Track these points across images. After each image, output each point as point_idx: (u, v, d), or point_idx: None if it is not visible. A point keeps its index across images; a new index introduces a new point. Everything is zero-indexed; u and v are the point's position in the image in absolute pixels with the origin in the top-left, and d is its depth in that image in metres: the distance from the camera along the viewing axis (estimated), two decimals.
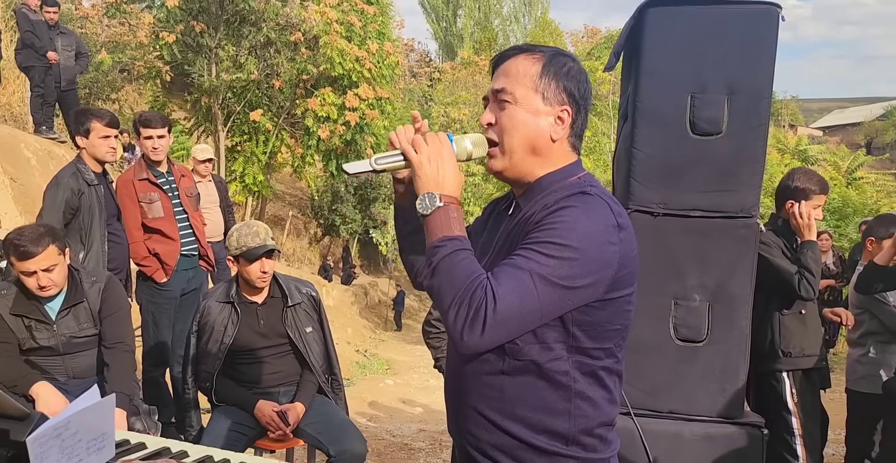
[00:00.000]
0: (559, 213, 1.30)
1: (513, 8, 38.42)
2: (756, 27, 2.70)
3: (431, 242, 1.31)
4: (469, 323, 1.22)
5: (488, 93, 1.46)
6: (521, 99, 1.40)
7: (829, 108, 54.96)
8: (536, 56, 1.43)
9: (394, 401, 7.38)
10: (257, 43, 12.58)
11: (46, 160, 7.52)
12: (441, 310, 1.27)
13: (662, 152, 2.75)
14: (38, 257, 2.74)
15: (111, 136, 3.77)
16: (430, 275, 1.29)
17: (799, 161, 20.35)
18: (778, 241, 3.09)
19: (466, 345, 1.24)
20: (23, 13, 7.91)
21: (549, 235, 1.28)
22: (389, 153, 1.40)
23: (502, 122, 1.41)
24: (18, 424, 0.98)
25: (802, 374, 3.12)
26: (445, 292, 1.26)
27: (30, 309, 2.89)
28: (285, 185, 20.07)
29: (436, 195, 1.33)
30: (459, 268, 1.27)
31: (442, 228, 1.31)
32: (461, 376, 1.44)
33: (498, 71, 1.45)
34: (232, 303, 3.15)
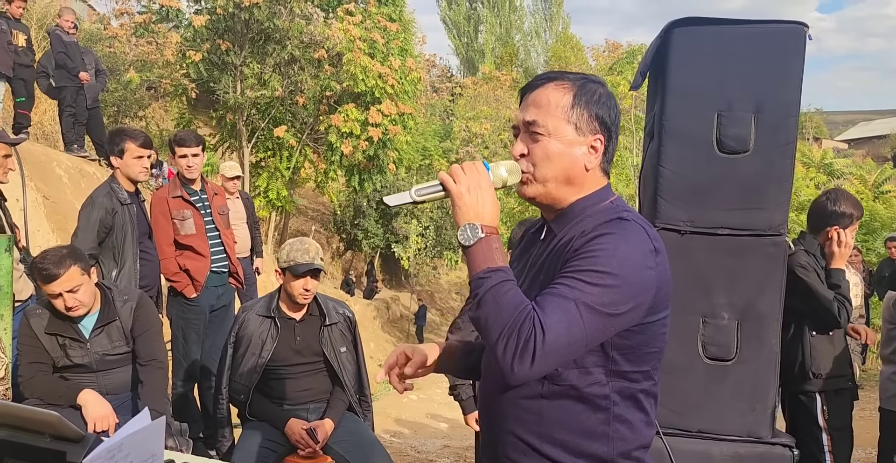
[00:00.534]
0: (598, 240, 1.31)
1: (534, 23, 38.62)
2: (783, 46, 2.71)
3: (475, 273, 1.31)
4: (519, 355, 1.22)
5: (517, 122, 1.46)
6: (554, 130, 1.41)
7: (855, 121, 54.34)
8: (566, 85, 1.43)
9: (418, 416, 7.38)
10: (282, 60, 12.74)
11: (78, 178, 7.67)
12: (489, 342, 1.27)
13: (689, 170, 2.76)
14: (60, 280, 2.80)
15: (144, 157, 3.85)
16: (476, 306, 1.29)
17: (824, 175, 20.13)
18: (812, 262, 3.06)
19: (516, 376, 1.25)
20: (56, 35, 8.10)
21: (590, 263, 1.29)
22: (429, 184, 1.40)
23: (536, 154, 1.42)
24: (75, 447, 1.01)
25: (835, 393, 3.10)
26: (493, 324, 1.26)
27: (64, 328, 2.95)
28: (308, 200, 20.23)
29: (477, 226, 1.33)
30: (506, 299, 1.27)
31: (485, 260, 1.32)
32: (498, 401, 1.45)
33: (527, 101, 1.45)
34: (273, 318, 3.19)
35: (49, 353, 2.96)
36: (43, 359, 2.96)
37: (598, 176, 1.45)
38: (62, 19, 8.26)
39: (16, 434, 1.08)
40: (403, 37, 14.63)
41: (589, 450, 1.38)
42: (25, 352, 2.95)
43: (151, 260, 3.97)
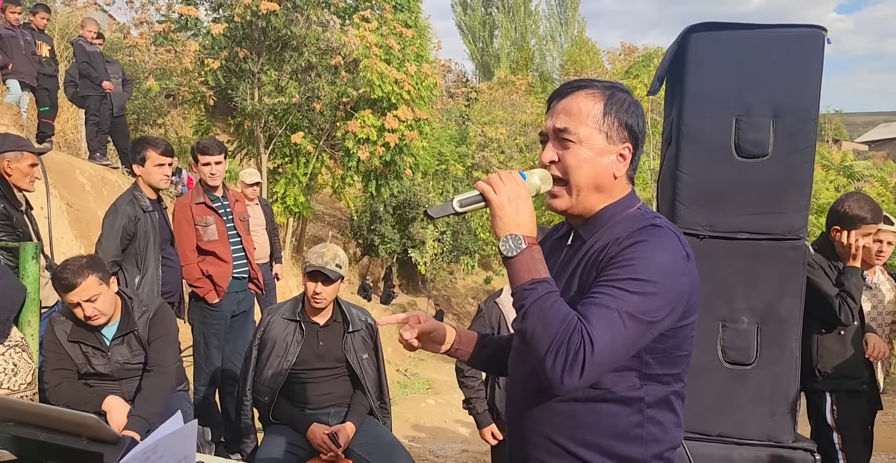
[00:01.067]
0: (634, 248, 1.33)
1: (549, 27, 38.60)
2: (801, 50, 2.71)
3: (520, 285, 1.32)
4: (569, 367, 1.24)
5: (547, 130, 1.46)
6: (585, 139, 1.42)
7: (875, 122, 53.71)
8: (596, 93, 1.44)
9: (436, 421, 7.40)
10: (298, 67, 12.83)
11: (100, 186, 7.77)
12: (536, 354, 1.27)
13: (707, 175, 2.76)
14: (78, 289, 2.84)
15: (165, 164, 3.91)
16: (522, 318, 1.30)
17: (844, 177, 19.93)
18: (823, 261, 3.08)
19: (566, 388, 1.26)
20: (80, 45, 8.24)
21: (629, 271, 1.31)
22: (470, 195, 1.40)
23: (567, 162, 1.43)
24: (111, 448, 1.05)
25: (847, 394, 3.09)
26: (541, 336, 1.27)
27: (86, 336, 2.99)
28: (325, 206, 20.34)
29: (520, 237, 1.34)
30: (553, 311, 1.28)
31: (529, 271, 1.32)
32: (528, 404, 1.45)
33: (557, 108, 1.46)
34: (298, 321, 3.23)
35: (73, 359, 3.00)
36: (67, 365, 3.00)
37: (624, 183, 1.48)
38: (85, 30, 8.39)
39: (54, 436, 1.11)
40: (419, 42, 14.70)
41: (623, 452, 1.39)
42: (50, 359, 3.00)
43: (173, 266, 4.02)
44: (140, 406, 2.93)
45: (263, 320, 3.29)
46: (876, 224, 3.12)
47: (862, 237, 3.07)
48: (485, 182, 1.39)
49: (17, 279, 3.14)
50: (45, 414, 1.10)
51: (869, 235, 3.09)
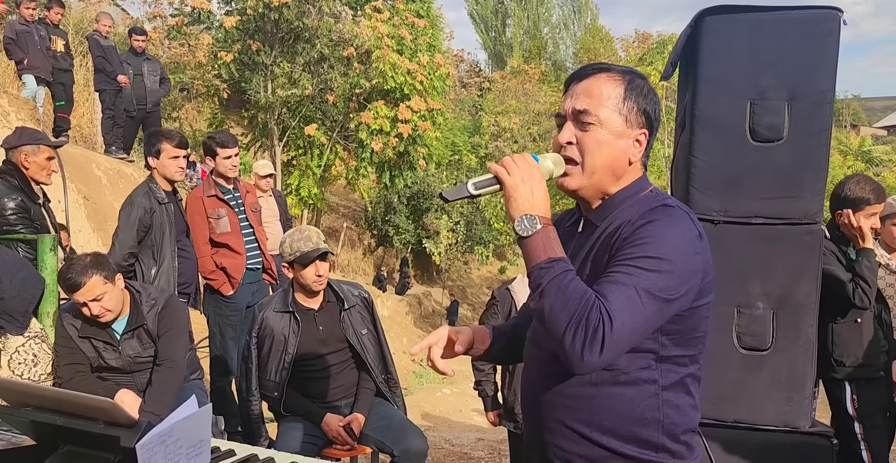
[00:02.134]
0: (647, 227, 1.34)
1: (562, 15, 38.33)
2: (817, 32, 2.67)
3: (536, 264, 1.31)
4: (588, 344, 1.23)
5: (564, 111, 1.45)
6: (606, 121, 1.41)
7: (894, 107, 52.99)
8: (617, 77, 1.44)
9: (451, 410, 7.43)
10: (311, 59, 12.85)
11: (116, 179, 7.85)
12: (555, 332, 1.27)
13: (722, 160, 2.73)
14: (83, 289, 2.85)
15: (180, 157, 3.93)
16: (539, 296, 1.29)
17: (862, 163, 19.70)
18: (832, 247, 3.03)
19: (586, 366, 1.25)
20: (94, 39, 8.29)
21: (643, 249, 1.31)
22: (484, 177, 1.40)
23: (585, 143, 1.42)
24: (128, 432, 1.06)
25: (867, 382, 3.07)
26: (559, 314, 1.26)
27: (97, 332, 3.02)
28: (339, 198, 20.40)
29: (535, 217, 1.33)
30: (570, 289, 1.27)
31: (545, 250, 1.32)
32: (543, 390, 1.46)
33: (576, 89, 1.45)
34: (291, 312, 3.19)
35: (85, 353, 3.03)
36: (80, 360, 3.03)
37: (637, 168, 1.48)
38: (100, 24, 8.45)
39: (72, 421, 1.13)
40: (431, 33, 14.68)
41: (640, 435, 1.39)
42: (62, 353, 3.02)
43: (190, 257, 4.05)
44: (151, 403, 2.95)
45: (255, 317, 3.23)
46: (880, 204, 3.08)
47: (866, 218, 3.04)
48: (498, 164, 1.38)
49: (36, 271, 3.18)
50: (63, 398, 1.12)
51: (874, 215, 3.06)
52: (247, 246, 4.41)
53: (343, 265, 17.55)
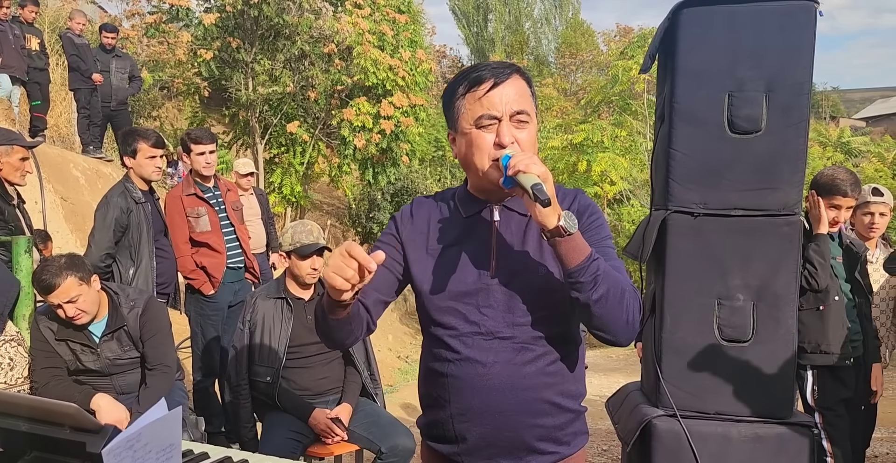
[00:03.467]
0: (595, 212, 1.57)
1: (543, 10, 38.30)
2: (793, 23, 2.67)
3: (587, 256, 1.38)
4: (638, 315, 1.42)
5: (500, 113, 1.47)
6: (533, 118, 1.52)
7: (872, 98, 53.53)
8: (523, 76, 1.54)
9: None
10: (292, 56, 12.76)
11: (94, 179, 7.75)
12: (616, 312, 1.40)
13: (701, 152, 2.74)
14: (57, 291, 2.82)
15: (157, 156, 3.89)
16: (599, 284, 1.38)
17: (842, 154, 19.88)
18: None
19: (631, 340, 1.46)
20: (68, 38, 8.18)
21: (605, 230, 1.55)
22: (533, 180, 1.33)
23: (525, 141, 1.49)
24: (94, 437, 1.04)
25: (829, 371, 3.09)
26: (617, 296, 1.39)
27: (74, 334, 2.98)
28: (323, 195, 20.30)
29: (570, 213, 1.38)
30: (614, 275, 1.42)
31: (585, 243, 1.40)
32: (524, 377, 1.51)
33: (505, 90, 1.48)
34: (284, 298, 3.27)
35: (62, 357, 2.99)
36: (56, 363, 2.98)
37: None
38: (73, 22, 8.34)
39: (37, 427, 1.10)
40: (413, 28, 14.61)
41: (581, 391, 1.60)
42: (38, 357, 2.98)
43: (168, 257, 4.01)
44: (147, 405, 2.91)
45: (247, 304, 3.31)
46: (853, 196, 3.11)
47: (830, 208, 3.08)
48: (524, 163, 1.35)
49: (10, 273, 3.13)
50: (27, 404, 1.09)
51: (847, 207, 3.09)
52: (227, 245, 4.38)
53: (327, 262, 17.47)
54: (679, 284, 2.75)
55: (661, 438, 2.70)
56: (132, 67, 8.78)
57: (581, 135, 16.56)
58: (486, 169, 1.49)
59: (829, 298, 3.06)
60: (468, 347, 1.53)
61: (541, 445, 1.52)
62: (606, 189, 16.45)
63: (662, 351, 2.76)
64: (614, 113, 19.28)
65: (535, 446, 1.52)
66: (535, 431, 1.51)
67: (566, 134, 18.07)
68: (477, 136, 1.49)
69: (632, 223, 15.47)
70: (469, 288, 1.53)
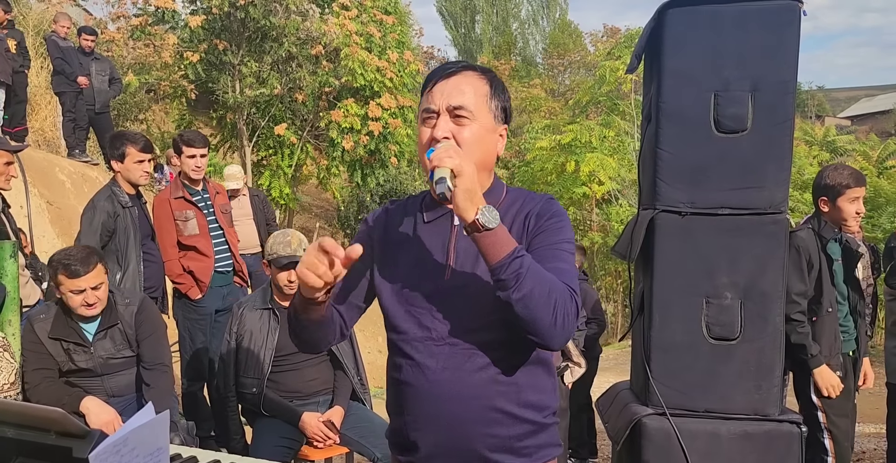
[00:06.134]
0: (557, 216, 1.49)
1: (531, 11, 38.41)
2: (778, 23, 2.69)
3: (509, 253, 1.32)
4: (569, 320, 1.35)
5: (437, 107, 1.46)
6: (480, 116, 1.47)
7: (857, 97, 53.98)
8: (481, 75, 1.51)
9: None
10: (279, 58, 12.72)
11: (80, 183, 7.70)
12: (539, 314, 1.32)
13: (688, 152, 2.75)
14: (89, 275, 2.85)
15: (145, 161, 3.86)
16: (519, 285, 1.31)
17: (827, 152, 20.03)
18: (809, 247, 3.07)
19: (564, 339, 1.38)
20: (52, 40, 8.12)
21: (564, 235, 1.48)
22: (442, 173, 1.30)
23: (463, 138, 1.45)
24: (80, 442, 1.03)
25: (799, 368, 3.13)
26: (541, 297, 1.32)
27: (68, 332, 2.96)
28: (311, 197, 20.25)
29: (492, 207, 1.32)
30: (545, 274, 1.35)
31: (509, 240, 1.34)
32: (468, 384, 1.46)
33: (447, 86, 1.47)
34: (271, 308, 3.24)
35: (54, 357, 2.97)
36: (48, 364, 2.97)
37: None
38: (58, 25, 8.27)
39: (22, 432, 1.09)
40: (400, 29, 14.60)
41: (547, 403, 1.55)
42: (30, 358, 2.96)
43: (155, 261, 3.98)
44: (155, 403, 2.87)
45: (234, 315, 3.28)
46: (860, 187, 3.14)
47: (850, 202, 3.10)
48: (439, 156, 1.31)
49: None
50: (11, 410, 1.08)
51: (856, 199, 3.11)
52: (216, 248, 4.35)
53: None
54: (667, 282, 2.76)
55: (651, 437, 2.71)
56: (112, 70, 8.73)
57: (569, 135, 16.60)
58: (426, 165, 1.41)
59: (822, 310, 3.08)
60: (419, 352, 1.49)
61: (496, 455, 1.48)
62: (595, 189, 16.50)
63: (651, 350, 2.77)
64: (602, 113, 19.33)
65: (490, 457, 1.48)
66: (488, 440, 1.47)
67: (554, 134, 18.09)
68: (420, 131, 1.50)
69: (620, 223, 15.52)
70: (423, 293, 1.49)
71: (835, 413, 3.08)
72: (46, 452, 1.07)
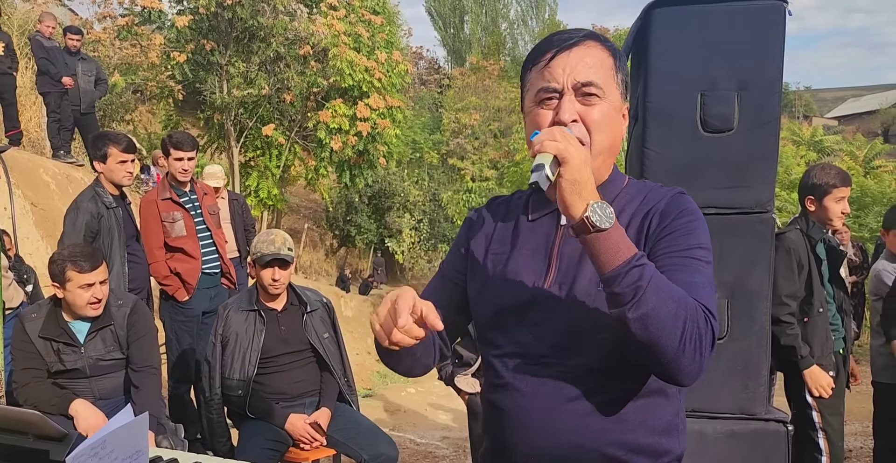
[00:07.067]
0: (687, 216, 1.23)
1: (520, 11, 38.43)
2: (763, 23, 2.70)
3: (626, 260, 1.06)
4: (704, 348, 1.08)
5: (561, 85, 1.23)
6: (610, 94, 1.24)
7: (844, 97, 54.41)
8: (605, 46, 1.27)
9: (417, 409, 7.39)
10: (267, 58, 12.68)
11: (65, 184, 7.63)
12: (664, 339, 1.05)
13: (674, 151, 2.76)
14: (98, 270, 2.89)
15: (128, 161, 3.83)
16: (638, 301, 1.05)
17: (814, 152, 20.15)
18: (799, 248, 3.08)
19: (697, 372, 1.09)
20: (37, 41, 8.05)
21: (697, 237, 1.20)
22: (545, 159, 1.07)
23: (594, 120, 1.22)
24: (58, 445, 1.01)
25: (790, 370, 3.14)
26: (668, 318, 1.05)
27: (58, 332, 2.94)
28: (300, 198, 20.19)
29: (605, 204, 1.08)
30: (673, 288, 1.08)
31: (627, 244, 1.08)
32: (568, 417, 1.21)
33: (570, 59, 1.23)
34: (256, 310, 3.23)
35: (43, 357, 2.95)
36: (37, 364, 2.95)
37: None
38: (43, 25, 8.20)
39: (1, 435, 1.07)
40: (388, 29, 14.58)
41: (667, 447, 1.24)
42: (20, 357, 2.95)
43: (140, 263, 3.95)
44: (144, 405, 2.89)
45: (220, 316, 3.26)
46: (846, 186, 3.16)
47: (836, 202, 3.12)
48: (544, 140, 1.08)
49: None
50: None
51: (842, 199, 3.13)
52: (203, 250, 4.32)
53: (305, 266, 17.38)
54: None
55: None
56: (98, 70, 8.66)
57: None
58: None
59: (812, 311, 3.09)
60: (510, 370, 1.26)
61: None
62: None
63: None
64: None
65: None
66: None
67: None
68: (536, 115, 1.25)
69: None
70: (518, 301, 1.25)
71: (829, 412, 3.09)
72: (24, 455, 1.05)
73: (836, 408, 3.11)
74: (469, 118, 22.27)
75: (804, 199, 3.18)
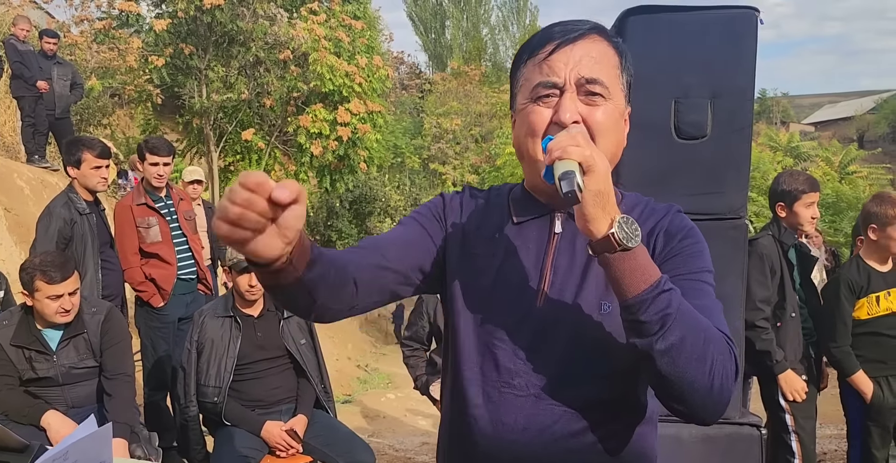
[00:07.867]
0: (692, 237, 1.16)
1: (501, 16, 38.60)
2: (735, 31, 2.73)
3: (652, 285, 0.95)
4: (730, 381, 0.98)
5: (563, 81, 1.10)
6: (615, 95, 1.12)
7: (821, 104, 55.20)
8: (611, 41, 1.14)
9: (396, 415, 7.38)
10: (246, 63, 12.62)
11: (40, 189, 7.54)
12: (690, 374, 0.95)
13: (648, 158, 2.77)
14: (67, 281, 2.84)
15: (102, 167, 3.80)
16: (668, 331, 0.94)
17: (791, 158, 20.41)
18: (772, 254, 3.11)
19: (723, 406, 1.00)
20: (11, 44, 7.96)
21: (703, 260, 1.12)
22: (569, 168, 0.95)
23: (598, 122, 1.09)
24: (18, 456, 1.00)
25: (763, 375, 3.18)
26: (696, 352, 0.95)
27: (30, 340, 2.91)
28: None
29: (632, 220, 0.97)
30: (698, 317, 0.98)
31: (652, 266, 0.98)
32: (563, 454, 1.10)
33: (574, 52, 1.10)
34: (232, 316, 3.20)
35: (15, 365, 2.91)
36: (9, 372, 2.91)
37: None
38: (17, 28, 8.11)
39: None
40: (369, 34, 14.56)
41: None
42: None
43: (113, 269, 3.91)
44: (117, 413, 2.88)
45: (195, 323, 3.24)
46: (815, 192, 3.20)
47: (806, 207, 3.16)
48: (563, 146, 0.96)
49: None
50: None
51: (812, 204, 3.17)
52: (179, 256, 4.28)
53: None
54: None
55: None
56: (74, 74, 8.57)
57: None
58: (538, 156, 1.09)
59: (785, 315, 3.13)
60: (492, 402, 1.11)
61: None
62: None
63: None
64: None
65: None
66: None
67: None
68: (530, 112, 1.11)
69: None
70: (507, 322, 1.11)
71: (802, 415, 3.13)
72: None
73: (808, 411, 3.15)
74: (450, 123, 22.32)
75: (775, 205, 3.22)
